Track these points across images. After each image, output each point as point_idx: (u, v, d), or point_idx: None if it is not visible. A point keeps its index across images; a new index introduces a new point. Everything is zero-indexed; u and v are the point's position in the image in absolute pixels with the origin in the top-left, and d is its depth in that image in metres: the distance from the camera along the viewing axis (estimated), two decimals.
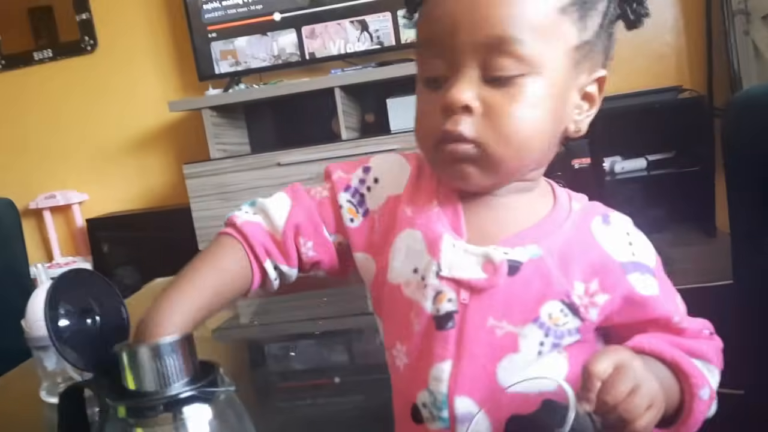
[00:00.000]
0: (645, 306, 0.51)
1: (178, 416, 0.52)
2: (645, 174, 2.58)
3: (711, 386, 0.51)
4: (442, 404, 0.52)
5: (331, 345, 1.19)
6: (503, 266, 0.50)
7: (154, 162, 2.96)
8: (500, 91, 0.48)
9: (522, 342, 0.51)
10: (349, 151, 2.30)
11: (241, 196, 2.38)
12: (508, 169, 0.51)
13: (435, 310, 0.52)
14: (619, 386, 0.42)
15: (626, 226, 0.55)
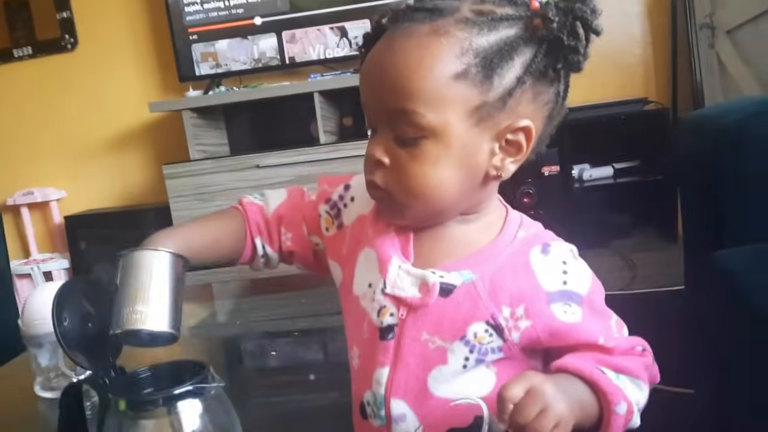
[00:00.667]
0: (567, 332, 0.56)
1: (172, 410, 0.58)
2: (611, 182, 2.67)
3: (629, 401, 0.55)
4: (380, 404, 0.59)
5: (307, 343, 1.23)
6: (435, 288, 0.57)
7: (134, 161, 2.98)
8: (406, 150, 0.55)
9: (450, 356, 0.57)
10: (327, 155, 2.35)
11: (220, 197, 2.42)
12: (418, 213, 0.58)
13: (379, 322, 0.59)
14: (529, 409, 0.49)
15: (564, 256, 0.59)
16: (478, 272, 0.57)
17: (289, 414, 0.84)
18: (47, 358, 0.95)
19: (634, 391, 0.57)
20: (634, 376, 0.57)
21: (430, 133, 0.54)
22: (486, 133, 0.56)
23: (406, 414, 0.58)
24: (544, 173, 2.52)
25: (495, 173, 0.57)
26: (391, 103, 0.55)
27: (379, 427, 0.60)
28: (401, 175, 0.56)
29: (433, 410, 0.57)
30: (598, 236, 2.58)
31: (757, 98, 1.71)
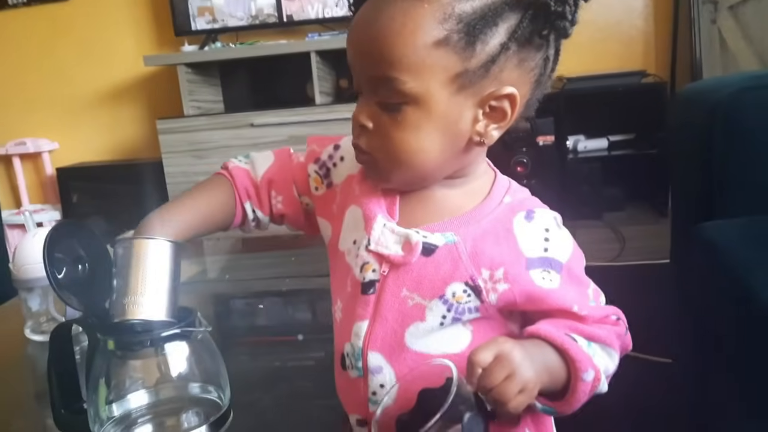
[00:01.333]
0: (542, 297, 0.57)
1: (160, 351, 0.60)
2: (606, 154, 2.67)
3: (597, 368, 0.56)
4: (358, 356, 0.60)
5: (296, 303, 1.25)
6: (418, 247, 0.58)
7: (127, 115, 2.96)
8: (389, 115, 0.56)
9: (428, 313, 0.58)
10: (323, 116, 2.34)
11: (214, 155, 2.42)
12: (402, 178, 0.59)
13: (361, 278, 0.60)
14: (496, 373, 0.50)
15: (548, 224, 0.60)
16: (461, 234, 0.58)
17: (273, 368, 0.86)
18: (37, 303, 0.96)
19: (603, 359, 0.58)
20: (606, 344, 0.58)
21: (411, 100, 0.55)
22: (468, 100, 0.56)
23: (383, 366, 0.60)
24: (539, 143, 2.52)
25: (478, 139, 0.57)
26: (374, 69, 0.55)
27: (357, 378, 0.61)
28: (384, 140, 0.57)
29: (408, 364, 0.59)
30: (590, 208, 2.59)
31: (750, 73, 1.70)
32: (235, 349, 0.98)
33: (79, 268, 0.62)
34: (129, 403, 0.63)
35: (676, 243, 1.46)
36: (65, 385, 0.63)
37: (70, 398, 0.63)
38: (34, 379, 0.89)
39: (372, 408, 0.61)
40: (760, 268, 0.99)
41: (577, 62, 2.59)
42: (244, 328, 1.14)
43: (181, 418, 0.64)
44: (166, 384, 0.64)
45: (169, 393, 0.64)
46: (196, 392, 0.65)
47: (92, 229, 0.66)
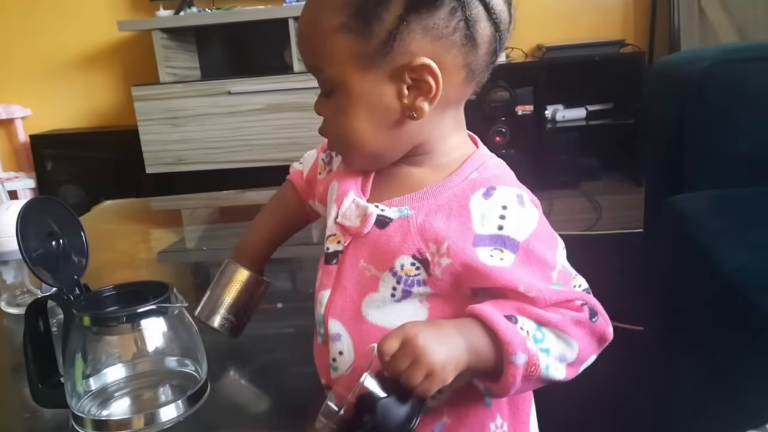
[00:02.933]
0: (486, 275, 0.56)
1: (136, 327, 0.60)
2: (584, 124, 2.69)
3: (532, 353, 0.55)
4: (320, 323, 0.63)
5: (276, 272, 1.26)
6: (371, 218, 0.60)
7: (101, 81, 2.90)
8: (329, 103, 0.60)
9: (381, 284, 0.60)
10: (301, 84, 2.32)
11: (190, 122, 2.39)
12: (357, 160, 0.63)
13: (327, 248, 0.63)
14: (400, 361, 0.52)
15: (507, 201, 0.59)
16: (415, 209, 0.60)
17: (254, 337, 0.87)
18: (12, 275, 0.96)
19: (553, 345, 0.57)
20: (559, 329, 0.57)
21: (335, 86, 0.58)
22: (383, 77, 0.57)
23: (341, 334, 0.62)
24: (518, 112, 2.52)
25: (409, 113, 0.58)
26: (305, 60, 0.60)
27: (322, 344, 0.64)
28: (330, 127, 0.61)
29: (365, 334, 0.61)
30: (567, 177, 2.62)
31: (726, 46, 1.72)
32: None
33: (53, 244, 0.62)
34: (106, 378, 0.64)
35: (648, 213, 1.49)
36: (41, 360, 0.63)
37: (46, 373, 0.64)
38: (12, 352, 0.89)
39: (333, 374, 0.63)
40: (726, 240, 1.01)
41: (556, 31, 2.59)
42: None
43: (158, 391, 0.65)
44: (142, 359, 0.64)
45: (145, 367, 0.65)
46: (173, 366, 0.66)
47: (65, 205, 0.66)
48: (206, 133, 2.41)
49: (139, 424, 0.60)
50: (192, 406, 0.62)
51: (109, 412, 0.63)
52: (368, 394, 0.52)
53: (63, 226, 0.64)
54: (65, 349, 0.61)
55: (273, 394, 0.71)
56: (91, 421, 0.60)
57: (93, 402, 0.63)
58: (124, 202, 1.70)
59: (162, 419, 0.60)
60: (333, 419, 0.53)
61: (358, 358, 0.61)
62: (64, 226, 0.64)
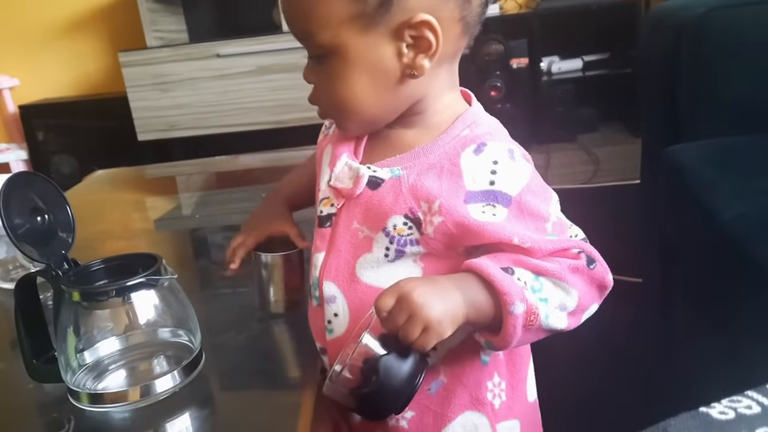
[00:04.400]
0: (479, 231, 0.57)
1: (126, 300, 0.60)
2: (580, 75, 2.65)
3: (530, 302, 0.55)
4: (315, 286, 0.63)
5: None
6: (363, 180, 0.60)
7: (88, 47, 2.85)
8: (321, 68, 0.58)
9: (374, 245, 0.60)
10: (290, 44, 2.27)
11: (180, 88, 2.35)
12: (353, 125, 0.61)
13: (320, 212, 0.63)
14: (396, 316, 0.52)
15: (497, 156, 0.59)
16: (407, 169, 0.60)
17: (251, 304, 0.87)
18: (5, 250, 0.95)
19: (552, 293, 0.57)
20: (557, 278, 0.57)
21: (329, 51, 0.56)
22: (381, 37, 0.56)
23: (336, 296, 0.62)
24: (513, 66, 2.48)
25: (410, 72, 0.57)
26: (294, 27, 0.58)
27: (317, 307, 0.64)
28: (323, 93, 0.59)
29: (360, 295, 0.61)
30: (564, 130, 2.59)
31: None
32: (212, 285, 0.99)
33: (38, 220, 0.61)
34: (99, 351, 0.64)
35: (645, 164, 1.48)
36: (34, 336, 0.63)
37: (40, 348, 0.64)
38: (9, 327, 0.89)
39: (328, 336, 0.63)
40: (723, 190, 1.01)
41: None
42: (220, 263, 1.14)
43: (152, 363, 0.65)
44: (135, 331, 0.64)
45: (139, 339, 0.65)
46: (167, 337, 0.66)
47: (48, 179, 0.65)
48: (197, 98, 2.37)
49: (135, 396, 0.60)
50: (187, 376, 0.62)
51: (104, 386, 0.63)
52: (372, 355, 0.52)
53: (48, 200, 0.63)
54: (57, 324, 0.61)
55: (270, 360, 0.71)
56: (86, 395, 0.60)
57: (88, 376, 0.63)
58: (117, 170, 1.69)
59: (158, 390, 0.60)
60: (339, 381, 0.53)
61: (353, 319, 0.61)
62: (49, 201, 0.63)
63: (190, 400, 0.61)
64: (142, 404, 0.60)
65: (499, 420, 0.64)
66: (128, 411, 0.60)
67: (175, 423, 0.59)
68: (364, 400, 0.53)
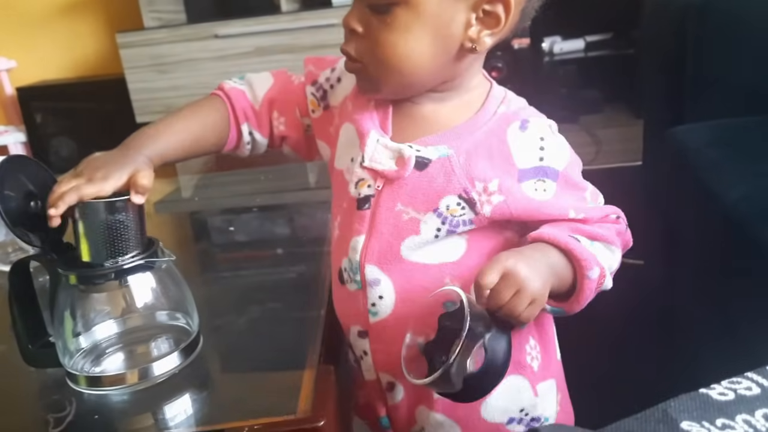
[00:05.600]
0: (537, 209, 0.59)
1: (123, 283, 0.60)
2: (582, 55, 2.63)
3: (602, 266, 0.58)
4: (356, 270, 0.62)
5: (273, 219, 1.25)
6: (411, 161, 0.58)
7: (85, 29, 2.82)
8: (379, 18, 0.55)
9: (423, 227, 0.59)
10: (290, 24, 2.25)
11: (178, 69, 2.33)
12: (392, 86, 0.58)
13: (357, 194, 0.61)
14: (504, 292, 0.52)
15: (543, 132, 0.60)
16: (454, 147, 0.58)
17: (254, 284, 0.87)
18: (3, 233, 0.94)
19: (607, 256, 0.60)
20: (608, 242, 0.60)
21: (401, 1, 0.54)
22: (461, 2, 0.54)
23: (380, 279, 0.61)
24: (514, 46, 2.46)
25: (470, 46, 0.56)
26: None
27: (356, 291, 0.63)
28: (373, 45, 0.56)
29: (406, 275, 0.61)
30: (567, 112, 2.57)
31: None
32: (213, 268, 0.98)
33: (32, 204, 0.61)
34: (97, 334, 0.64)
35: (648, 146, 1.47)
36: (29, 320, 0.63)
37: (35, 333, 0.63)
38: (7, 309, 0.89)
39: (372, 319, 0.63)
40: (727, 171, 1.00)
41: None
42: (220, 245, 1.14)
43: (150, 345, 0.64)
44: (132, 314, 0.64)
45: (136, 322, 0.65)
46: (164, 320, 0.65)
47: (40, 164, 0.64)
48: (195, 80, 2.35)
49: (134, 379, 0.60)
50: (186, 359, 0.61)
51: (102, 369, 0.62)
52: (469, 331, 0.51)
53: (40, 185, 0.62)
54: (53, 308, 0.60)
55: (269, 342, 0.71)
56: (85, 378, 0.60)
57: (86, 359, 0.63)
58: None
59: (156, 373, 0.60)
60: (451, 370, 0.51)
61: (399, 300, 0.61)
62: (41, 185, 0.62)
63: (189, 382, 0.61)
64: (141, 387, 0.60)
65: (538, 381, 0.65)
66: (127, 393, 0.60)
67: (173, 405, 0.59)
68: (472, 381, 0.52)
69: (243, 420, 0.55)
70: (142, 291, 0.62)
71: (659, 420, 0.35)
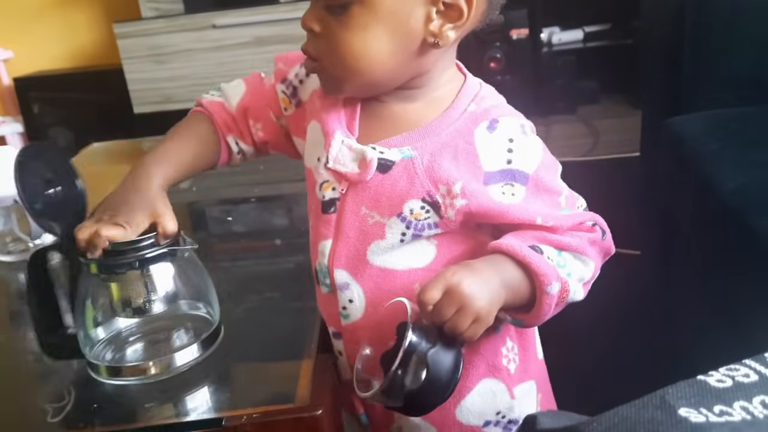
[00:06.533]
0: (503, 213, 0.56)
1: (145, 272, 0.59)
2: (581, 46, 2.62)
3: (563, 279, 0.55)
4: (325, 273, 0.61)
5: (271, 209, 1.25)
6: (373, 163, 0.56)
7: (82, 19, 2.81)
8: (336, 18, 0.53)
9: (388, 231, 0.58)
10: (287, 14, 2.24)
11: (176, 59, 2.32)
12: (353, 85, 0.56)
13: (321, 196, 0.59)
14: (445, 309, 0.51)
15: (512, 134, 0.57)
16: (418, 149, 0.57)
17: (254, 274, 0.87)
18: (1, 223, 0.94)
19: (576, 267, 0.57)
20: (578, 252, 0.58)
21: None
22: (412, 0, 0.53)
23: (349, 283, 0.60)
24: (513, 37, 2.45)
25: (432, 40, 0.54)
26: None
27: (328, 293, 0.62)
28: (331, 44, 0.54)
29: (374, 279, 0.59)
30: (565, 103, 2.57)
31: None
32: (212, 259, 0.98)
33: (51, 191, 0.60)
34: (118, 323, 0.63)
35: (645, 136, 1.47)
36: (48, 312, 0.62)
37: (53, 325, 0.62)
38: (8, 299, 0.89)
39: (344, 322, 0.62)
40: (724, 161, 1.00)
41: None
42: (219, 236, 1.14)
43: (172, 335, 0.64)
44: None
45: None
46: (185, 309, 0.64)
47: (59, 149, 0.63)
48: (193, 70, 2.35)
49: (156, 370, 0.59)
50: (207, 350, 0.61)
51: (124, 358, 0.62)
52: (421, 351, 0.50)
53: (59, 172, 0.61)
54: (74, 297, 0.59)
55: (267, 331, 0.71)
56: (106, 368, 0.60)
57: (107, 349, 0.62)
58: (113, 143, 1.67)
59: (177, 363, 0.59)
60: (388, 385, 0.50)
61: (369, 304, 0.60)
62: (59, 173, 0.61)
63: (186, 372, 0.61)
64: (163, 377, 0.59)
65: (515, 383, 0.64)
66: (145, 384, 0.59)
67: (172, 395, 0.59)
68: (413, 397, 0.51)
69: (241, 409, 0.55)
70: (163, 280, 0.60)
71: (657, 406, 0.35)
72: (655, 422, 0.34)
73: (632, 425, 0.34)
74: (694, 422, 0.34)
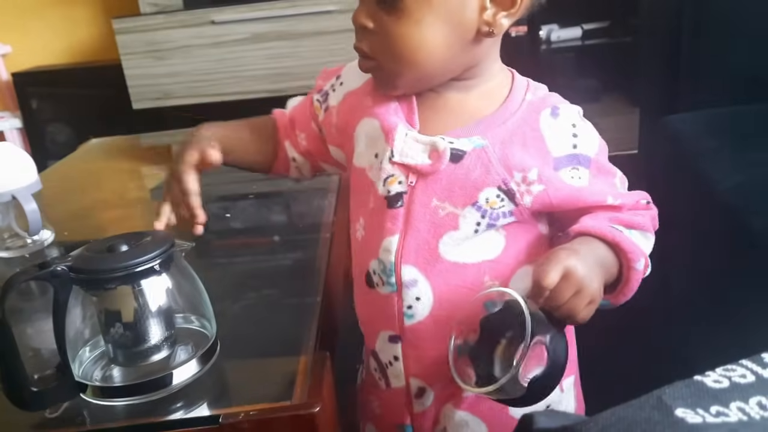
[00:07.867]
0: (576, 196, 0.58)
1: (136, 287, 0.56)
2: (580, 44, 2.62)
3: (645, 255, 0.58)
4: (390, 272, 0.60)
5: (270, 205, 1.24)
6: (446, 154, 0.57)
7: (81, 14, 2.80)
8: (388, 12, 0.54)
9: (461, 221, 0.58)
10: (286, 11, 2.24)
11: (175, 55, 2.32)
12: (409, 80, 0.57)
13: (386, 191, 0.59)
14: (564, 292, 0.52)
15: (573, 118, 0.60)
16: (488, 138, 0.57)
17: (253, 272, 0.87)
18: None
19: (645, 244, 0.60)
20: (644, 229, 0.60)
21: None
22: None
23: (417, 279, 0.59)
24: (511, 34, 2.43)
25: (487, 29, 0.55)
26: None
27: (389, 294, 0.61)
28: (386, 39, 0.54)
29: (444, 275, 0.59)
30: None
31: None
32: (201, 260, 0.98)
33: None
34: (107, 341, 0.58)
35: (643, 134, 1.47)
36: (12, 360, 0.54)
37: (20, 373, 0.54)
38: None
39: (407, 322, 0.61)
40: (722, 160, 1.00)
41: None
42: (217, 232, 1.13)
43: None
44: None
45: None
46: (179, 323, 0.62)
47: None
48: (192, 66, 2.34)
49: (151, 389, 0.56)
50: (204, 366, 0.59)
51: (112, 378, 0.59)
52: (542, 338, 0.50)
53: None
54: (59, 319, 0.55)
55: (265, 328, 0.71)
56: (93, 387, 0.57)
57: (96, 366, 0.60)
58: (112, 139, 1.67)
59: (174, 382, 0.57)
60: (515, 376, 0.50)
61: (437, 301, 0.59)
62: None
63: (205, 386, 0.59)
64: (159, 396, 0.57)
65: (564, 377, 0.65)
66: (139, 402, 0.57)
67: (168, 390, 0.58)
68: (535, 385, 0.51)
69: (239, 406, 0.55)
70: (156, 294, 0.57)
71: (654, 407, 0.35)
72: (652, 422, 0.34)
73: (629, 425, 0.34)
74: (690, 423, 0.34)
